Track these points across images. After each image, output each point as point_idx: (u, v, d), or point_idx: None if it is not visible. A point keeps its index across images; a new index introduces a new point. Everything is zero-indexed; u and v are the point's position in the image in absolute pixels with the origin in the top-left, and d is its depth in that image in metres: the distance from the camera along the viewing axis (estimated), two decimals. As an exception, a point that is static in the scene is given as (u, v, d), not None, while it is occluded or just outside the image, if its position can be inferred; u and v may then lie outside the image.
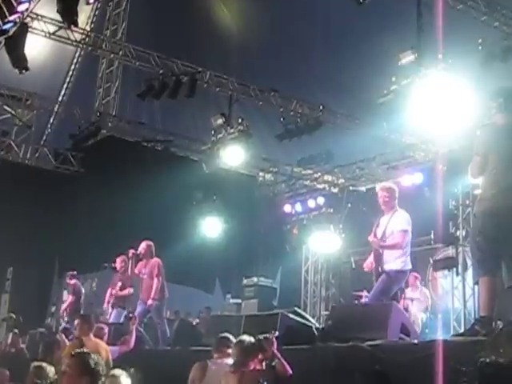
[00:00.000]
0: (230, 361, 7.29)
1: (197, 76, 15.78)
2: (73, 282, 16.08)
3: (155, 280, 12.82)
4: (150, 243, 13.28)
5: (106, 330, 10.46)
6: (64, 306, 15.78)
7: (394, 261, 9.19)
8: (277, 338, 6.80)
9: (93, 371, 5.09)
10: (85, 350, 5.53)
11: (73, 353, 5.40)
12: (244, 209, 20.78)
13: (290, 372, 6.56)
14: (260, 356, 6.79)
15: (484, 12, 13.36)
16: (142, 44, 16.54)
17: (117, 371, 6.42)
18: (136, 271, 13.34)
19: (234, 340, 7.58)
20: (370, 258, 9.56)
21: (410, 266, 9.41)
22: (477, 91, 11.53)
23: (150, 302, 12.69)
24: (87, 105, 20.18)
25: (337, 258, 20.83)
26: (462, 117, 12.61)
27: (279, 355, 6.64)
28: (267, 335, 6.76)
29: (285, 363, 6.59)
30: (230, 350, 7.52)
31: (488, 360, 5.08)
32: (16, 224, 17.55)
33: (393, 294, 9.25)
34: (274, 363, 6.63)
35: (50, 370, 7.17)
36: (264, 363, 6.76)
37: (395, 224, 9.33)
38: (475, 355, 5.28)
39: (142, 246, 13.26)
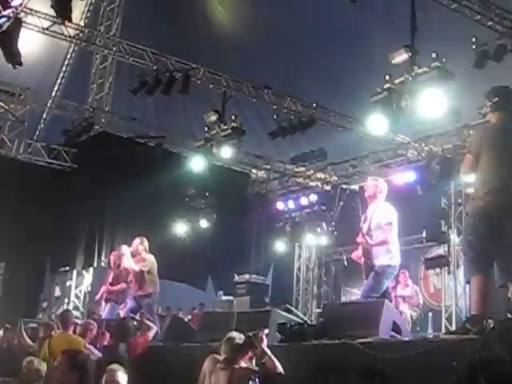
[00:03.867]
0: None
1: (190, 72, 15.75)
2: None
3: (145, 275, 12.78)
4: (143, 239, 13.25)
5: (92, 326, 10.44)
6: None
7: (383, 256, 9.17)
8: (267, 334, 6.78)
9: (81, 366, 5.24)
10: (74, 348, 5.71)
11: (63, 350, 5.57)
12: (236, 206, 20.79)
13: (281, 369, 6.54)
14: (250, 353, 6.77)
15: (478, 11, 13.36)
16: (136, 40, 16.49)
17: (114, 366, 6.42)
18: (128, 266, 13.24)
19: None
20: (359, 251, 9.57)
21: (399, 261, 9.37)
22: (470, 90, 11.54)
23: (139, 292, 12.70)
24: (80, 100, 20.08)
25: (329, 256, 20.88)
26: (455, 116, 12.65)
27: (269, 352, 6.61)
28: (256, 332, 6.73)
29: (275, 360, 6.56)
30: None
31: (479, 358, 5.08)
32: (7, 219, 17.52)
33: (384, 290, 9.24)
34: (263, 360, 6.61)
35: (42, 365, 7.20)
36: (254, 360, 6.75)
37: (380, 217, 9.31)
38: (466, 353, 5.28)
39: (136, 242, 13.22)
